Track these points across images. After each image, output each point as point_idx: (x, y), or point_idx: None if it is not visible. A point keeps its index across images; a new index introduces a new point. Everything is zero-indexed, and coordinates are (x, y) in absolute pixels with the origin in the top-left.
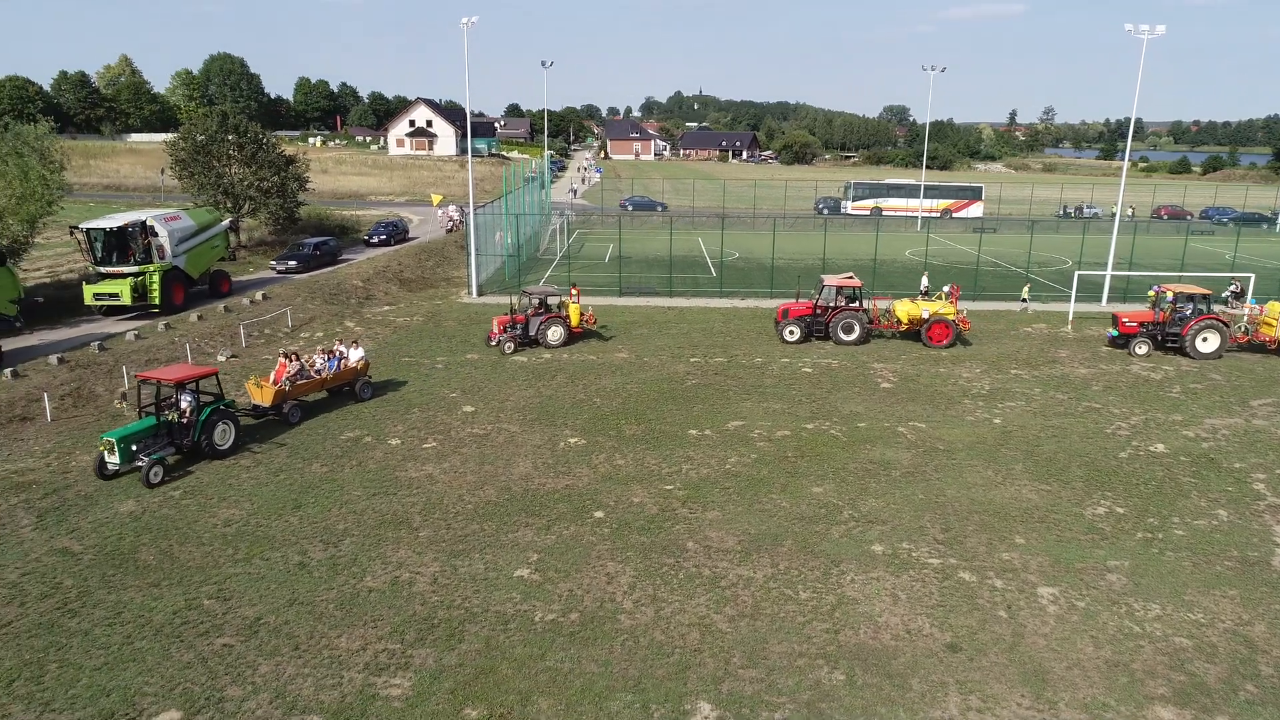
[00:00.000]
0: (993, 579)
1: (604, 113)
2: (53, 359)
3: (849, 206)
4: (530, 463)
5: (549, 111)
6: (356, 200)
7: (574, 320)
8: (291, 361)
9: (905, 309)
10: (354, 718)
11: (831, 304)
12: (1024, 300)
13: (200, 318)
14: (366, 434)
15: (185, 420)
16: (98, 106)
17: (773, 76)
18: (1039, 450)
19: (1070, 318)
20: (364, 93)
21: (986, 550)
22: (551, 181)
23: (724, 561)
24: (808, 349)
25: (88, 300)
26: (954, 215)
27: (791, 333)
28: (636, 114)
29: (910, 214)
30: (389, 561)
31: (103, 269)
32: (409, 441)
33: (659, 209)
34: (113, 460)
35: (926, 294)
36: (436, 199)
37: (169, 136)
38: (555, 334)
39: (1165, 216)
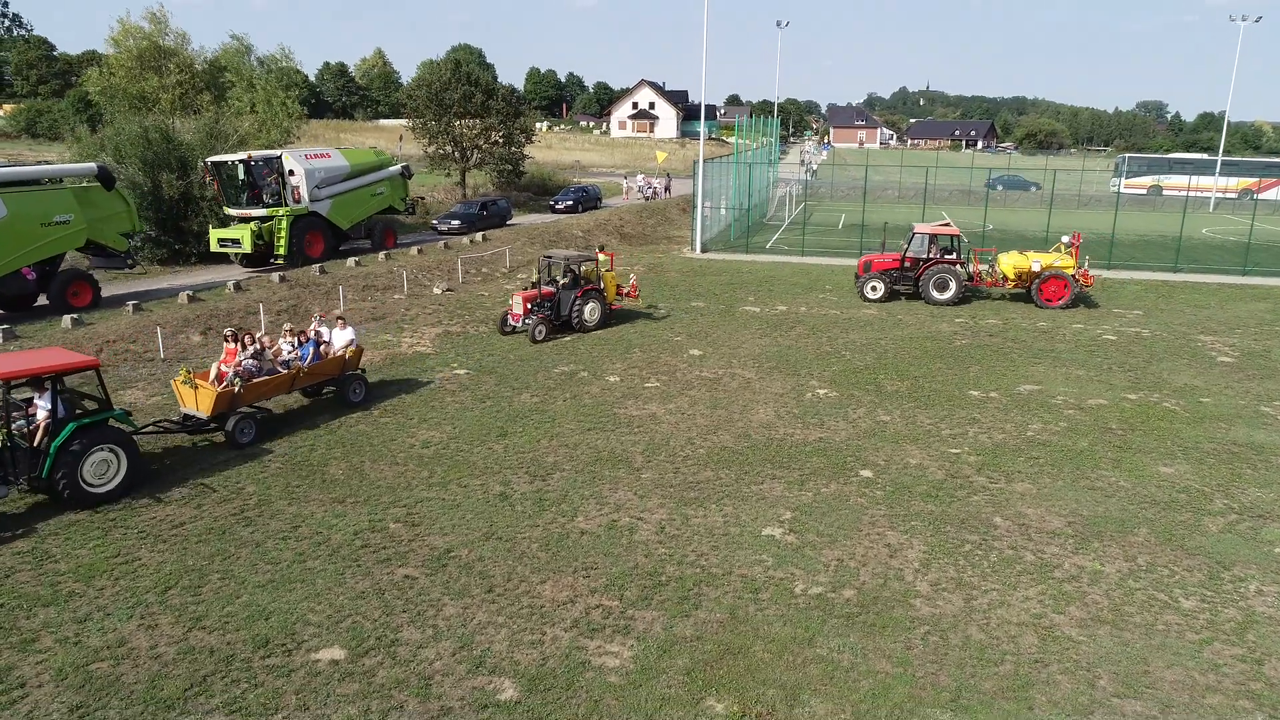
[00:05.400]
0: None
1: (823, 108)
2: (274, 277)
3: (1120, 184)
4: (772, 410)
5: (766, 99)
6: (577, 170)
7: (609, 293)
8: (244, 347)
9: (1012, 262)
10: (557, 689)
11: (924, 256)
12: None
13: (420, 251)
14: (582, 369)
15: (36, 442)
16: (353, 94)
17: (1008, 71)
18: None
19: None
20: (589, 82)
21: None
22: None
23: (1052, 546)
24: (1105, 315)
25: (213, 246)
26: (1257, 196)
27: (874, 289)
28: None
29: (1201, 194)
30: (605, 502)
31: (233, 210)
32: (629, 380)
33: (1032, 188)
34: None
35: None
36: (661, 156)
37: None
38: (592, 312)
39: None
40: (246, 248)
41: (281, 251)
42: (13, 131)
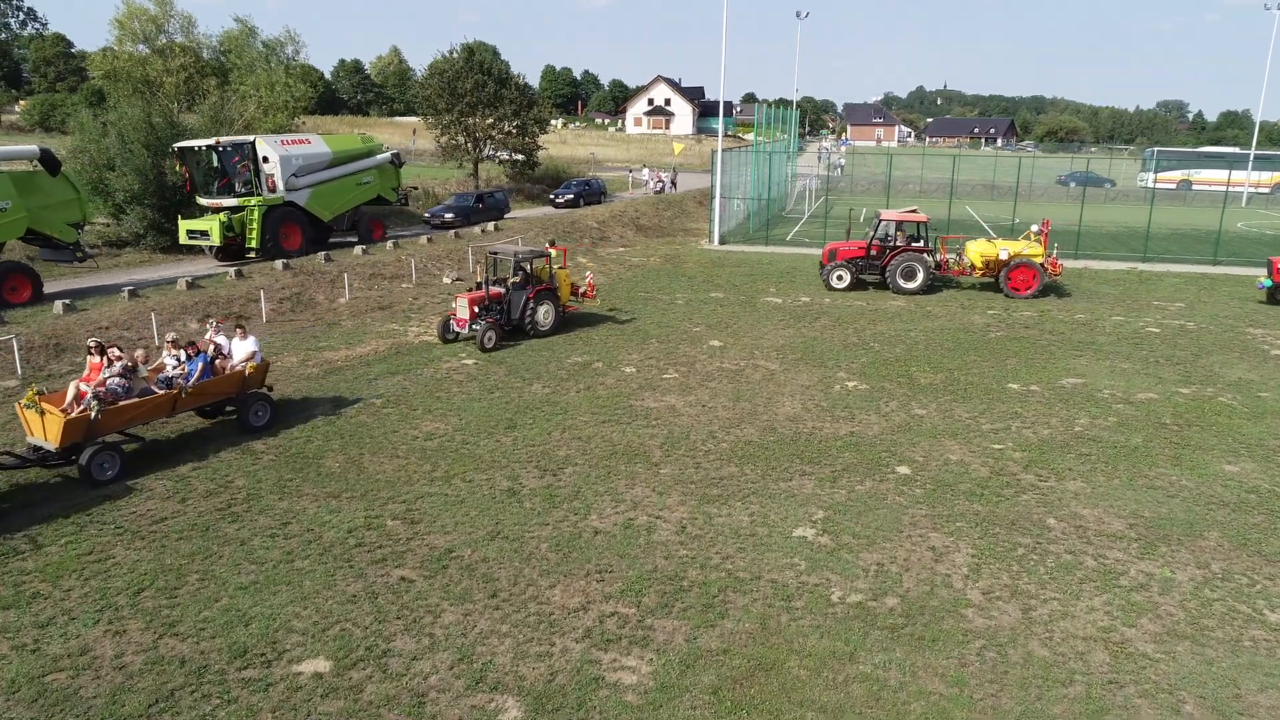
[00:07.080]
0: None
1: (839, 108)
2: (278, 264)
3: (1149, 178)
4: (799, 403)
5: (783, 97)
6: (592, 164)
7: (564, 293)
8: (110, 362)
9: (979, 250)
10: (567, 709)
11: (890, 244)
12: None
13: (429, 240)
14: (597, 359)
15: None
16: (369, 91)
17: (1026, 70)
18: None
19: None
20: (605, 80)
21: None
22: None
23: (1114, 551)
24: (1145, 307)
25: (181, 238)
26: None
27: (840, 278)
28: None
29: (1234, 188)
30: (621, 499)
31: (203, 200)
32: (646, 371)
33: (1106, 185)
34: None
35: None
36: (679, 147)
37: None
38: (546, 314)
39: None
40: (215, 240)
41: (254, 244)
42: (27, 125)
